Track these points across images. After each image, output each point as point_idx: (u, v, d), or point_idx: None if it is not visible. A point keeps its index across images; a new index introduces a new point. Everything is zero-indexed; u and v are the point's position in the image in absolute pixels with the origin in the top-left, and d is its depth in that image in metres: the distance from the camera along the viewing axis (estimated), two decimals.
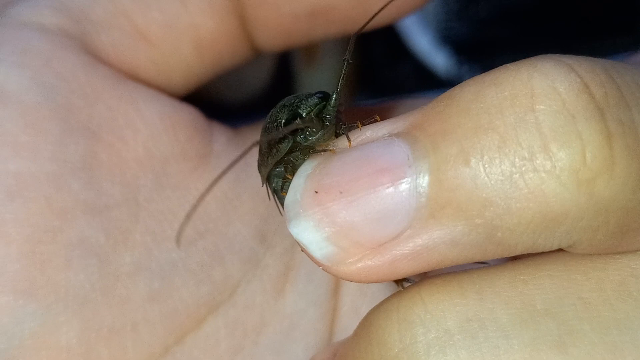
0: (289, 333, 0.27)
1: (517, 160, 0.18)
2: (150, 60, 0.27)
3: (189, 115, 0.28)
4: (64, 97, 0.25)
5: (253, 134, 0.29)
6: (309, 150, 0.21)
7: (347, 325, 0.28)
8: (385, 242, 0.19)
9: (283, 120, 0.22)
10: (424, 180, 0.19)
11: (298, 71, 0.49)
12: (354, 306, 0.28)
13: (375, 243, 0.19)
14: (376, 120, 0.21)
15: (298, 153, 0.22)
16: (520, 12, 0.51)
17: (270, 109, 0.23)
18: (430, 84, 0.50)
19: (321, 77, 0.50)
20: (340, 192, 0.19)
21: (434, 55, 0.51)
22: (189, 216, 0.22)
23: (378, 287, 0.28)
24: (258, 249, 0.27)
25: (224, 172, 0.20)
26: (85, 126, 0.25)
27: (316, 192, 0.19)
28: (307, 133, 0.21)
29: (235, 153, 0.27)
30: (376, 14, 0.22)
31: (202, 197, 0.21)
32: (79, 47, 0.26)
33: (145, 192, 0.26)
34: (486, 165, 0.18)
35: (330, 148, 0.21)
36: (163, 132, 0.27)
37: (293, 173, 0.21)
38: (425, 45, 0.51)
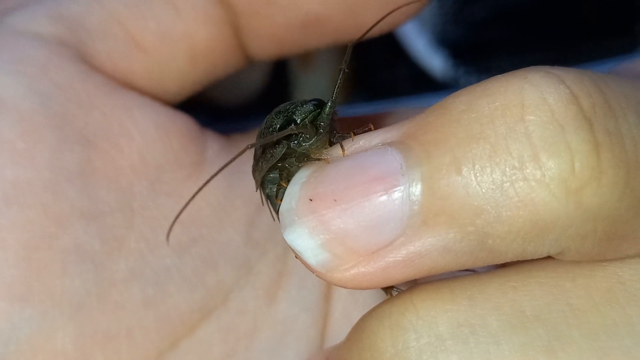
0: (281, 338, 0.28)
1: (507, 169, 0.19)
2: (144, 69, 0.28)
3: (183, 123, 0.28)
4: (60, 104, 0.26)
5: (246, 142, 0.29)
6: (304, 158, 0.22)
7: (338, 331, 0.28)
8: (379, 249, 0.20)
9: (278, 126, 0.22)
10: (416, 189, 0.19)
11: (294, 75, 0.49)
12: (346, 312, 0.29)
13: (368, 250, 0.20)
14: (370, 129, 0.21)
15: (293, 160, 0.22)
16: (516, 14, 0.51)
17: (266, 112, 0.24)
18: (426, 86, 0.50)
19: (317, 81, 0.50)
20: (335, 200, 0.19)
21: (430, 57, 0.51)
22: (178, 215, 0.22)
23: (369, 294, 0.28)
24: (251, 256, 0.27)
25: (217, 173, 0.21)
26: (80, 134, 0.26)
27: (311, 199, 0.20)
28: (301, 139, 0.21)
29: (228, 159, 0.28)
30: (372, 27, 0.22)
31: (193, 197, 0.21)
32: (74, 56, 0.27)
33: (140, 199, 0.26)
34: (477, 174, 0.19)
35: (325, 157, 0.21)
36: (158, 140, 0.27)
37: (288, 180, 0.22)
38: (422, 47, 0.51)
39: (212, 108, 0.43)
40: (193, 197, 0.21)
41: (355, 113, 0.38)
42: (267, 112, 0.24)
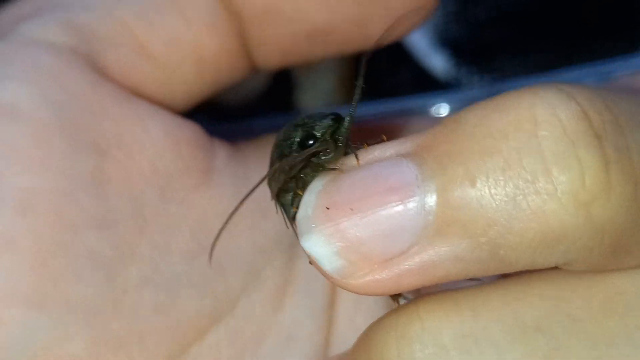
0: (287, 344, 0.28)
1: (520, 182, 0.19)
2: (153, 77, 0.28)
3: (191, 131, 0.28)
4: (73, 113, 0.26)
5: (253, 150, 0.30)
6: (319, 168, 0.22)
7: (343, 337, 0.29)
8: (393, 257, 0.20)
9: (297, 140, 0.23)
10: (431, 200, 0.20)
11: (297, 76, 0.49)
12: (350, 318, 0.29)
13: (383, 258, 0.20)
14: (382, 140, 0.22)
15: (308, 170, 0.23)
16: (518, 15, 0.51)
17: (268, 112, 0.24)
18: (428, 86, 0.50)
19: (320, 82, 0.50)
20: (351, 209, 0.20)
21: (432, 57, 0.51)
22: (218, 235, 0.23)
23: (374, 301, 0.29)
24: (258, 263, 0.28)
25: (249, 193, 0.22)
26: (93, 142, 0.26)
27: (327, 208, 0.21)
28: (321, 153, 0.22)
29: (236, 169, 0.29)
30: (381, 37, 0.23)
31: (231, 215, 0.22)
32: (86, 65, 0.27)
33: (151, 206, 0.27)
34: (491, 187, 0.19)
35: (339, 167, 0.22)
36: (168, 149, 0.27)
37: (303, 189, 0.22)
38: (424, 47, 0.51)
39: (215, 108, 0.43)
40: (230, 217, 0.22)
41: (358, 113, 0.38)
42: (269, 113, 0.24)
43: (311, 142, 0.22)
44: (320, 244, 0.20)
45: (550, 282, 0.22)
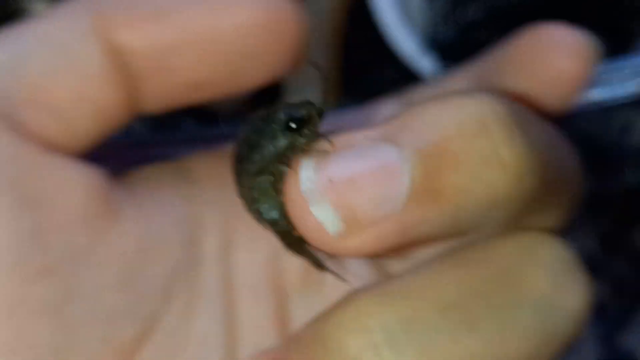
0: (205, 349, 0.33)
1: (478, 159, 0.25)
2: (60, 131, 0.31)
3: (99, 175, 0.32)
4: (9, 173, 0.29)
5: (137, 179, 0.34)
6: (300, 151, 0.26)
7: (247, 334, 0.33)
8: (380, 222, 0.25)
9: (282, 120, 0.26)
10: (412, 173, 0.24)
11: (284, 79, 0.49)
12: (250, 317, 0.34)
13: (372, 222, 0.25)
14: (342, 127, 0.26)
15: (285, 157, 0.26)
16: (509, 15, 0.51)
17: (256, 112, 0.27)
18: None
19: (308, 85, 0.50)
20: (351, 181, 0.24)
21: (420, 59, 0.50)
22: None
23: (272, 302, 0.34)
24: (170, 285, 0.32)
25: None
26: (29, 198, 0.29)
27: (331, 180, 0.25)
28: (302, 133, 0.26)
29: (131, 200, 0.32)
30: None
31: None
32: (9, 126, 0.30)
33: (81, 250, 0.30)
34: (457, 164, 0.24)
35: (319, 149, 0.25)
36: (87, 196, 0.31)
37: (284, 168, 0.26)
38: (411, 49, 0.50)
39: (203, 112, 0.42)
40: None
41: (348, 119, 0.38)
42: (257, 113, 0.25)
43: (295, 125, 0.26)
44: (327, 211, 0.24)
45: (456, 260, 0.27)
